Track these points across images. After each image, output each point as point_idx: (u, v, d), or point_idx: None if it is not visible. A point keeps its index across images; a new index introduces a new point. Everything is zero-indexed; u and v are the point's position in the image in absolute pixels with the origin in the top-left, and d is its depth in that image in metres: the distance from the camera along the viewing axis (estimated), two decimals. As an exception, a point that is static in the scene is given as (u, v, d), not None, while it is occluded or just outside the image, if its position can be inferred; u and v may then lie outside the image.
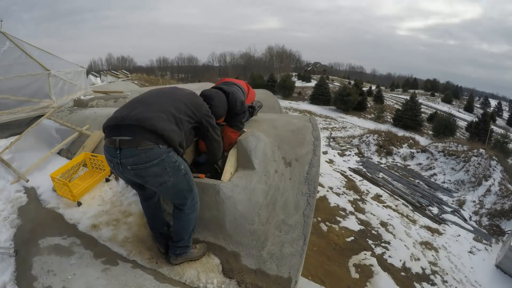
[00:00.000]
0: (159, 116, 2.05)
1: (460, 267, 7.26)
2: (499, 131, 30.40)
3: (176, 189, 2.26)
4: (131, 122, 2.01)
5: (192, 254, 2.59)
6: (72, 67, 7.29)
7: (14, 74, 5.54)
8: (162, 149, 2.03)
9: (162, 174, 2.09)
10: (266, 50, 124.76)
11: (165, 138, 2.03)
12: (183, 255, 2.55)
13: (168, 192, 2.30)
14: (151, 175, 2.07)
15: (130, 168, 2.03)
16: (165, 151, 2.05)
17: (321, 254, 5.94)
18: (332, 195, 9.16)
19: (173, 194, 2.32)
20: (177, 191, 2.28)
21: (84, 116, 5.00)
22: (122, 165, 2.04)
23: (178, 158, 2.19)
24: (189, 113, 2.29)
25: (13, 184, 3.75)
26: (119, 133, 2.02)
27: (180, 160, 2.21)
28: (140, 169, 2.02)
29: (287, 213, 3.11)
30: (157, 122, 2.01)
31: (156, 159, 2.01)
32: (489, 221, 10.49)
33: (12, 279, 2.37)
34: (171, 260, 2.55)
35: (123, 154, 1.99)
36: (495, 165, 13.52)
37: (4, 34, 6.49)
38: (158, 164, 2.03)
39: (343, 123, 32.49)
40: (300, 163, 3.61)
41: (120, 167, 2.06)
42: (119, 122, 2.04)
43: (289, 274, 2.58)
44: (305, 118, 4.39)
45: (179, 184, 2.23)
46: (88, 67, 79.45)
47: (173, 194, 2.32)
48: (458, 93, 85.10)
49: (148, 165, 2.01)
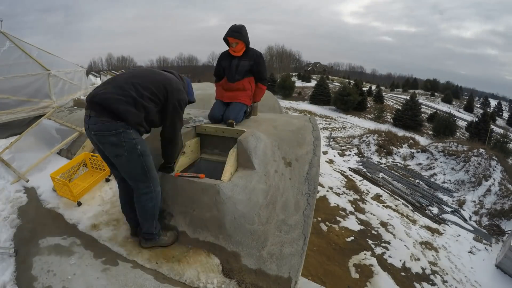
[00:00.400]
0: (118, 99, 2.28)
1: (460, 267, 7.26)
2: (499, 131, 30.41)
3: (129, 167, 2.45)
4: (97, 100, 2.29)
5: (161, 240, 2.73)
6: (72, 67, 7.29)
7: (14, 74, 5.55)
8: (119, 124, 2.27)
9: (118, 145, 2.32)
10: (266, 50, 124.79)
11: (121, 117, 2.26)
12: (151, 241, 2.70)
13: (122, 168, 2.49)
14: (109, 143, 2.32)
15: (93, 134, 2.33)
16: (122, 126, 2.29)
17: (321, 254, 5.95)
18: (332, 195, 9.16)
19: (127, 173, 2.51)
20: (130, 169, 2.47)
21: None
22: (89, 130, 2.35)
23: (138, 137, 2.40)
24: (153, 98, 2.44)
25: (13, 184, 3.76)
26: (90, 107, 2.34)
27: (139, 141, 2.41)
28: (100, 136, 2.32)
29: (287, 213, 3.11)
30: (114, 102, 2.26)
31: (113, 131, 2.27)
32: (489, 221, 10.49)
33: (12, 279, 2.37)
34: (141, 243, 2.74)
35: (90, 121, 2.31)
36: (495, 165, 13.52)
37: (4, 34, 6.49)
38: (115, 135, 2.28)
39: (343, 123, 32.48)
40: (300, 163, 3.62)
41: (88, 131, 2.38)
42: (92, 99, 2.33)
43: (289, 274, 2.58)
44: (305, 118, 4.39)
45: (132, 162, 2.41)
46: (88, 67, 79.39)
47: (127, 173, 2.51)
48: (458, 93, 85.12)
49: (106, 134, 2.28)
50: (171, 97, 2.50)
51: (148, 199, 2.56)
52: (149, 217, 2.60)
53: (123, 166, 2.46)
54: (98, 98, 2.29)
